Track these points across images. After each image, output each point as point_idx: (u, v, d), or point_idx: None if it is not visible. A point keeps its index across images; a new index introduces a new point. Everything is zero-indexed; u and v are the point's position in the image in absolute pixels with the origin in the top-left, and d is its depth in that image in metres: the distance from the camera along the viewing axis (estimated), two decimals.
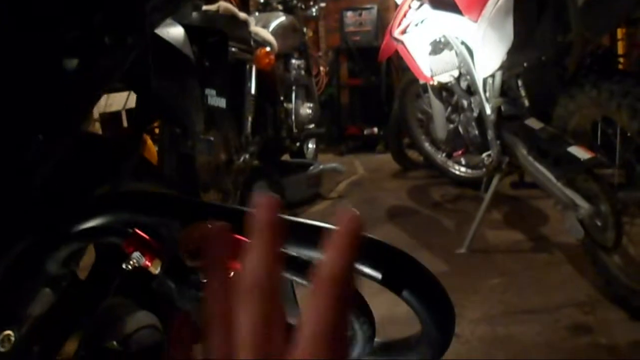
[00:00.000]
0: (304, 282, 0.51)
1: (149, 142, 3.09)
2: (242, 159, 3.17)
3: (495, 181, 2.98)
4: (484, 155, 3.00)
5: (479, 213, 2.99)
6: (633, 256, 2.36)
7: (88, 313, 0.85)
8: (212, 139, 2.65)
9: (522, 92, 2.77)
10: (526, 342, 2.11)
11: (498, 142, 2.84)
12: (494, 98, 2.80)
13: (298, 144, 4.06)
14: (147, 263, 0.60)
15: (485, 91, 2.87)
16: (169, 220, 0.63)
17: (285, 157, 4.40)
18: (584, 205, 2.30)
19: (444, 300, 0.58)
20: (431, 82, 3.41)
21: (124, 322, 1.18)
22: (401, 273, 0.56)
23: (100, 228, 0.65)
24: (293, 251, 0.55)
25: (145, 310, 1.16)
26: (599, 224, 2.29)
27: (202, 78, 2.41)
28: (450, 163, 4.21)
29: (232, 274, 0.43)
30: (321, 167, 4.12)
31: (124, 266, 0.61)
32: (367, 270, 0.55)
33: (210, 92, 2.63)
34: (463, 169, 4.14)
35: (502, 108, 2.85)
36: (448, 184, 4.28)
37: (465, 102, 3.18)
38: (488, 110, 2.86)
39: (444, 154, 4.21)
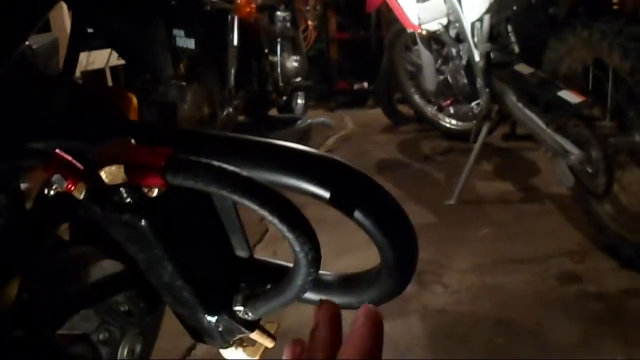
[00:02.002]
0: (257, 208, 0.44)
1: (134, 100, 2.99)
2: (225, 112, 3.09)
3: (484, 131, 2.91)
4: (473, 104, 2.93)
5: (468, 163, 2.92)
6: (624, 204, 2.31)
7: (33, 250, 0.79)
8: (183, 83, 2.56)
9: (512, 38, 2.69)
10: (514, 292, 2.07)
11: (487, 89, 2.76)
12: (482, 43, 2.71)
13: (285, 97, 3.97)
14: (70, 187, 0.53)
15: (473, 36, 2.78)
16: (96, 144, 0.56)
17: (273, 112, 4.31)
18: (574, 151, 2.24)
19: (403, 224, 0.52)
20: (419, 31, 3.31)
21: (88, 270, 1.13)
22: (352, 192, 0.49)
23: (16, 149, 0.58)
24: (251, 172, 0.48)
25: (110, 259, 1.11)
26: (589, 170, 2.23)
27: (169, 18, 2.31)
28: (440, 116, 4.14)
29: None
30: (309, 121, 4.03)
31: (45, 192, 0.54)
32: (313, 188, 0.49)
33: (179, 33, 2.52)
34: (453, 121, 4.08)
35: (492, 55, 2.76)
36: (438, 137, 4.21)
37: (454, 51, 3.10)
38: (477, 57, 2.78)
39: (434, 107, 4.13)
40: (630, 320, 1.85)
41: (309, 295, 0.61)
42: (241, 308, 0.56)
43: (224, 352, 0.67)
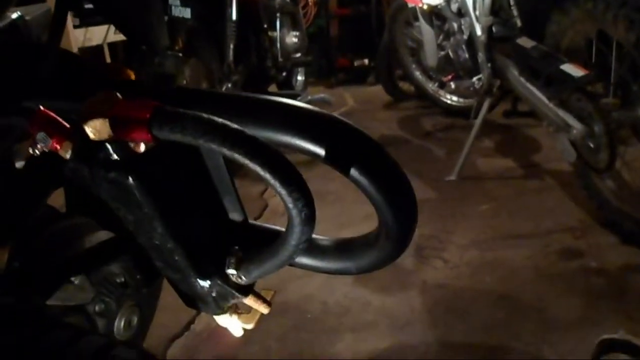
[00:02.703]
0: (248, 162, 0.42)
1: (132, 76, 2.97)
2: (224, 87, 3.06)
3: (485, 106, 2.88)
4: (475, 79, 2.90)
5: (469, 139, 2.90)
6: (626, 180, 2.29)
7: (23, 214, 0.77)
8: (180, 55, 2.52)
9: (514, 11, 2.65)
10: (515, 267, 2.06)
11: (489, 64, 2.73)
12: (484, 17, 2.67)
13: (284, 73, 3.93)
14: (56, 145, 0.51)
15: (475, 10, 2.74)
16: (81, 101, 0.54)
17: (273, 88, 4.28)
18: (576, 126, 2.21)
19: (401, 183, 0.50)
20: (420, 6, 3.27)
21: (82, 240, 1.12)
22: (349, 149, 0.47)
23: (1, 108, 0.56)
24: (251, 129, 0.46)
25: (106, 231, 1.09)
26: (591, 145, 2.20)
27: None
28: (441, 92, 4.11)
29: None
30: (309, 97, 4.00)
31: (30, 151, 0.52)
32: (309, 146, 0.47)
33: (174, 2, 2.48)
34: (455, 97, 4.05)
35: (494, 29, 2.73)
36: (439, 114, 4.18)
37: (455, 25, 3.06)
38: (479, 31, 2.74)
39: (435, 84, 4.10)
40: (632, 295, 1.84)
41: (304, 260, 0.59)
42: (234, 272, 0.54)
43: (219, 319, 0.66)
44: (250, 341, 1.81)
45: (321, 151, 0.45)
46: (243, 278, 0.54)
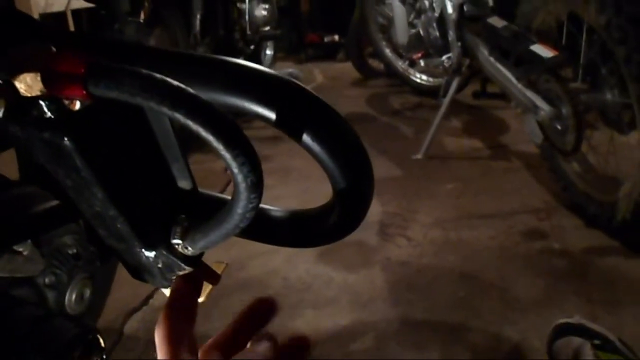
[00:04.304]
0: (189, 121, 0.38)
1: None
2: None
3: (454, 85, 2.87)
4: (444, 57, 2.88)
5: (436, 117, 2.89)
6: (592, 164, 2.30)
7: None
8: (141, 21, 2.45)
9: None
10: (478, 246, 2.06)
11: (459, 43, 2.72)
12: None
13: (252, 47, 3.87)
14: None
15: None
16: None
17: None
18: (544, 107, 2.21)
19: (356, 149, 0.47)
20: None
21: (30, 209, 1.07)
22: (300, 112, 0.44)
23: None
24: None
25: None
26: (559, 127, 2.20)
27: None
28: (411, 71, 4.10)
29: None
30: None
31: None
32: (258, 108, 0.43)
33: None
34: (424, 77, 4.04)
35: (465, 8, 2.71)
36: (408, 93, 4.17)
37: (427, 3, 3.03)
38: (450, 9, 2.72)
39: (405, 62, 4.08)
40: (593, 277, 1.84)
41: (257, 232, 0.56)
42: (179, 241, 0.50)
43: (167, 292, 0.62)
44: (209, 317, 1.78)
45: (271, 114, 0.42)
46: (189, 248, 0.50)
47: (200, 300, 0.63)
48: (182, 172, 0.53)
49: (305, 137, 0.43)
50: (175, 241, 0.51)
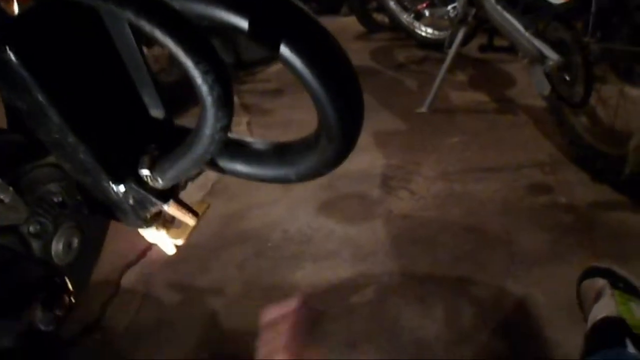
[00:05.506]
0: (144, 24, 0.33)
1: None
2: None
3: (460, 36, 2.78)
4: (450, 7, 2.79)
5: (441, 70, 2.81)
6: (601, 117, 2.23)
7: None
8: None
9: None
10: (482, 199, 2.01)
11: None
12: None
13: None
14: None
15: None
16: None
17: None
18: (552, 56, 2.13)
19: (345, 70, 0.41)
20: None
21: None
22: (280, 23, 0.38)
23: None
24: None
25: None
26: (567, 78, 2.13)
27: None
28: (416, 24, 3.99)
29: None
30: None
31: None
32: (228, 16, 0.38)
33: None
34: (430, 30, 3.94)
35: None
36: (413, 46, 4.07)
37: None
38: None
39: (410, 15, 3.98)
40: (598, 232, 1.80)
41: (239, 166, 0.51)
42: (147, 172, 0.46)
43: (146, 235, 0.58)
44: (208, 269, 1.75)
45: (243, 23, 0.36)
46: (159, 180, 0.46)
47: (180, 242, 0.59)
48: (154, 100, 0.48)
49: (285, 51, 0.37)
50: (143, 172, 0.46)
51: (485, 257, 1.70)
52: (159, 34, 0.32)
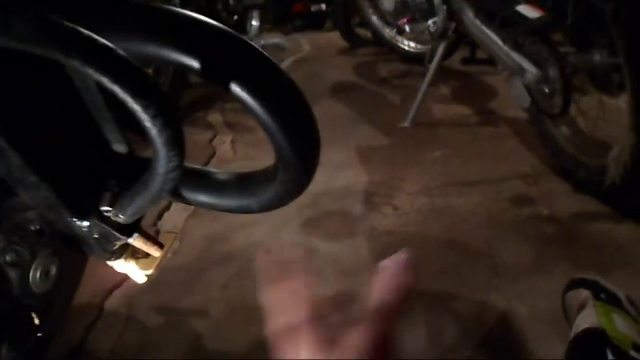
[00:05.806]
0: (90, 69, 0.33)
1: None
2: None
3: (440, 50, 2.81)
4: (430, 22, 2.81)
5: (423, 84, 2.83)
6: (581, 128, 2.25)
7: None
8: None
9: None
10: (465, 213, 2.02)
11: (444, 6, 2.65)
12: None
13: (236, 17, 3.79)
14: None
15: None
16: None
17: None
18: (531, 69, 2.15)
19: (297, 102, 0.42)
20: None
21: None
22: (232, 61, 0.38)
23: None
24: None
25: None
26: (546, 90, 2.15)
27: None
28: (398, 38, 4.03)
29: None
30: (262, 42, 3.88)
31: None
32: (179, 56, 0.38)
33: None
34: (412, 44, 3.98)
35: None
36: (396, 60, 4.11)
37: None
38: None
39: (392, 29, 4.01)
40: (580, 243, 1.81)
41: (202, 197, 0.51)
42: (109, 208, 0.46)
43: (115, 265, 0.58)
44: (191, 290, 1.75)
45: (193, 63, 0.37)
46: (120, 216, 0.46)
47: (150, 272, 0.59)
48: (115, 135, 0.48)
49: (236, 88, 0.38)
50: (104, 208, 0.46)
51: (468, 270, 1.71)
52: (105, 80, 0.32)
